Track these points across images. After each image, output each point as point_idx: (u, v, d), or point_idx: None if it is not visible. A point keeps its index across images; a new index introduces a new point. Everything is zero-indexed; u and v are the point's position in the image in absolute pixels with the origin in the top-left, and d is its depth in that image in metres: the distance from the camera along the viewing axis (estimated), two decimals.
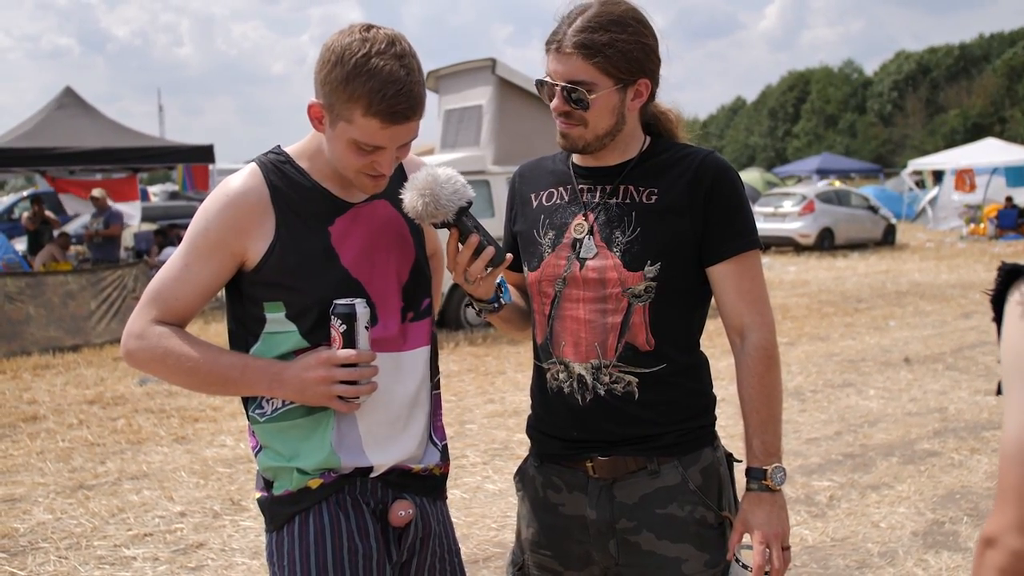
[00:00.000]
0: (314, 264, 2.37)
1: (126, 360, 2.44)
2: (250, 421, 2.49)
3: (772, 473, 2.43)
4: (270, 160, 2.44)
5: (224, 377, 2.36)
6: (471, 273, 2.39)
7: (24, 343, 12.43)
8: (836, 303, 15.89)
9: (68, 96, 16.82)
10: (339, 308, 2.30)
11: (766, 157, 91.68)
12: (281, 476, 2.43)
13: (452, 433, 8.21)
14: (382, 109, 2.21)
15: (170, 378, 2.42)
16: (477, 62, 14.93)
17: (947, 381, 9.78)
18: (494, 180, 13.79)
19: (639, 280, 2.46)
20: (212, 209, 2.37)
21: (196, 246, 2.37)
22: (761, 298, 2.54)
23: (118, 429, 8.63)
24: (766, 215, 26.06)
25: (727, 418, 2.66)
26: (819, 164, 49.48)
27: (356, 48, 2.22)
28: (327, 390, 2.30)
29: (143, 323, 2.38)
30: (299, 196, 2.40)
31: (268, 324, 2.40)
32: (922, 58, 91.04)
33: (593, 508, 2.53)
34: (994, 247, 25.54)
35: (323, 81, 2.26)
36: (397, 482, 2.47)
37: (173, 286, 2.39)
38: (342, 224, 2.42)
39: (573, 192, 2.61)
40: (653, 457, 2.51)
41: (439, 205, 2.32)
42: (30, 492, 6.94)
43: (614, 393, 2.49)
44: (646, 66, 2.50)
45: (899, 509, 6.14)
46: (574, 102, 2.46)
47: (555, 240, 2.58)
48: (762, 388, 2.48)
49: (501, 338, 12.76)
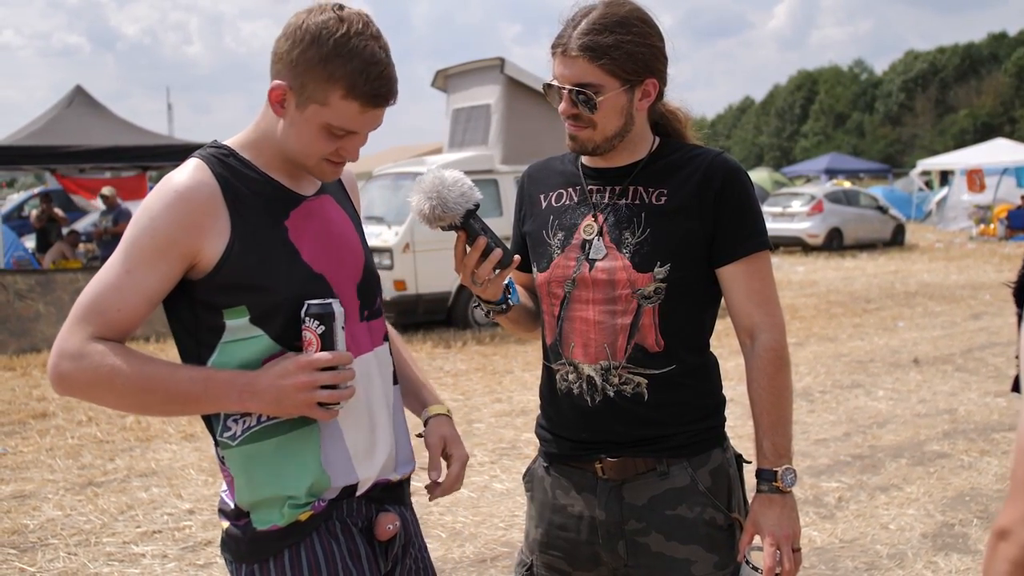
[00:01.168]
0: (277, 260, 2.19)
1: (58, 385, 2.11)
2: (220, 448, 2.24)
3: (783, 475, 2.43)
4: (212, 154, 2.24)
5: (184, 394, 2.10)
6: (479, 275, 2.39)
7: (34, 340, 12.46)
8: (845, 303, 15.86)
9: (78, 94, 16.83)
10: (313, 308, 2.13)
11: (774, 157, 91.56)
12: (263, 509, 2.22)
13: (460, 432, 8.18)
14: (365, 91, 2.12)
15: (117, 402, 2.15)
16: (485, 61, 14.94)
17: (956, 382, 9.74)
18: (502, 179, 13.79)
19: (649, 281, 2.46)
20: (158, 207, 2.13)
21: (140, 248, 2.11)
22: (771, 299, 2.54)
23: (127, 426, 8.64)
24: (774, 215, 26.01)
25: (736, 419, 2.67)
26: (827, 164, 49.43)
27: (333, 27, 2.11)
28: (308, 397, 2.09)
29: (79, 341, 2.08)
30: (250, 189, 2.21)
31: (227, 333, 2.17)
32: (931, 58, 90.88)
33: (602, 509, 2.53)
34: (1004, 248, 25.44)
35: (294, 61, 2.12)
36: (379, 497, 2.37)
37: (113, 296, 2.10)
38: (297, 218, 2.26)
39: (582, 193, 2.61)
40: (662, 458, 2.51)
41: (447, 208, 2.31)
42: (40, 488, 6.96)
43: (623, 394, 2.49)
44: (653, 66, 2.50)
45: (908, 511, 6.12)
46: (582, 105, 2.46)
47: (564, 241, 2.58)
48: (772, 389, 2.48)
49: (508, 337, 12.75)
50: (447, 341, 12.72)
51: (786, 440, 2.48)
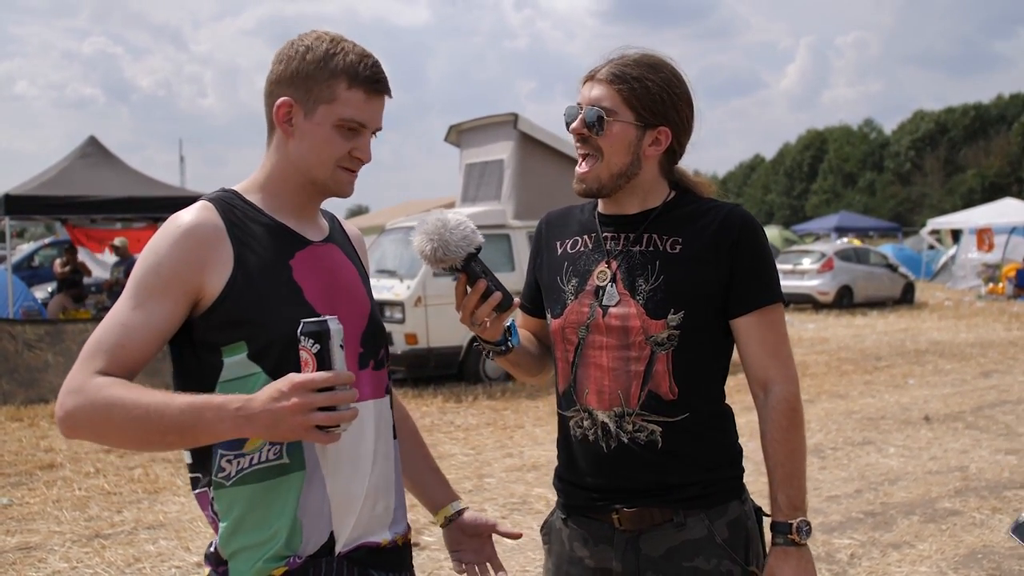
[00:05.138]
0: (278, 296, 2.17)
1: (63, 425, 2.07)
2: (213, 488, 2.22)
3: (798, 527, 2.43)
4: (219, 197, 2.28)
5: (181, 423, 2.01)
6: (477, 316, 2.42)
7: (42, 391, 12.45)
8: (855, 361, 15.82)
9: (91, 145, 16.87)
10: (308, 326, 2.03)
11: (784, 215, 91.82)
12: (240, 558, 2.21)
13: (471, 487, 8.18)
14: (367, 77, 2.22)
15: (117, 437, 2.11)
16: (499, 117, 15.03)
17: (968, 440, 9.69)
18: (515, 234, 13.85)
19: (662, 328, 2.46)
20: (163, 244, 2.15)
21: (146, 286, 2.11)
22: (785, 352, 2.54)
23: (135, 478, 8.60)
24: (785, 272, 25.97)
25: (747, 475, 2.66)
26: (837, 222, 49.52)
27: (323, 38, 2.25)
28: (304, 420, 1.97)
29: (82, 377, 2.05)
30: (255, 230, 2.23)
31: (225, 370, 2.15)
32: (940, 118, 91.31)
33: (619, 560, 2.52)
34: (1012, 307, 25.42)
35: (293, 73, 2.23)
36: (364, 560, 2.28)
37: (119, 333, 2.09)
38: (301, 260, 2.26)
39: (597, 240, 2.62)
40: (679, 509, 2.49)
41: (448, 250, 2.35)
42: (46, 540, 6.92)
43: (637, 441, 2.48)
44: (669, 116, 2.53)
45: (920, 568, 6.07)
46: (591, 125, 2.49)
47: (578, 287, 2.59)
48: (786, 442, 2.48)
49: (520, 392, 12.74)
50: (458, 395, 12.69)
51: (800, 492, 2.47)
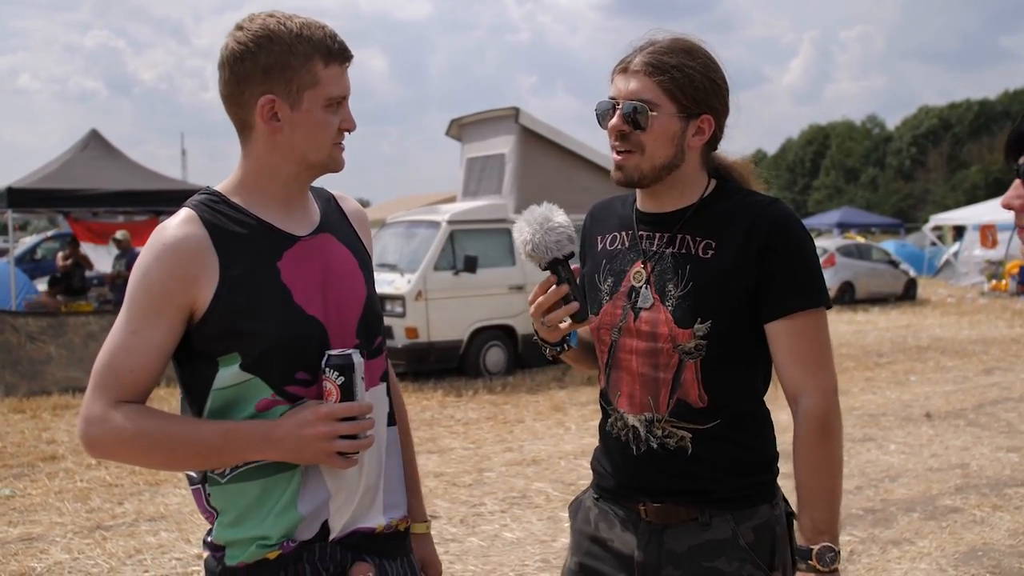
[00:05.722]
0: (266, 303, 2.19)
1: (89, 451, 2.18)
2: (208, 484, 2.26)
3: (819, 553, 2.31)
4: (202, 201, 2.27)
5: (207, 448, 2.13)
6: (550, 318, 2.40)
7: (44, 383, 12.49)
8: (857, 357, 15.80)
9: (93, 138, 16.87)
10: (333, 359, 2.15)
11: None
12: (236, 546, 2.23)
13: (470, 481, 8.19)
14: (336, 50, 2.21)
15: (143, 461, 2.27)
16: (500, 111, 15.04)
17: (969, 437, 9.69)
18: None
19: (689, 337, 2.38)
20: (150, 262, 2.17)
21: (140, 307, 2.15)
22: (817, 361, 2.39)
23: (136, 470, 8.58)
24: None
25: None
26: (839, 218, 49.33)
27: (270, 26, 2.18)
28: (328, 447, 2.12)
29: (100, 407, 2.13)
30: (240, 233, 2.22)
31: (218, 379, 2.18)
32: (944, 113, 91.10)
33: (641, 550, 2.48)
34: (1016, 303, 25.37)
35: (265, 67, 2.17)
36: (358, 545, 2.31)
37: (124, 357, 2.14)
38: (290, 258, 2.25)
39: (633, 238, 2.54)
40: (705, 509, 2.44)
41: (536, 248, 2.38)
42: (48, 531, 6.95)
43: (667, 447, 2.44)
44: (712, 103, 2.43)
45: (920, 565, 6.08)
46: (633, 121, 2.39)
47: (613, 287, 2.53)
48: (812, 459, 2.36)
49: (520, 387, 12.76)
50: (458, 389, 12.69)
51: (827, 515, 2.34)
